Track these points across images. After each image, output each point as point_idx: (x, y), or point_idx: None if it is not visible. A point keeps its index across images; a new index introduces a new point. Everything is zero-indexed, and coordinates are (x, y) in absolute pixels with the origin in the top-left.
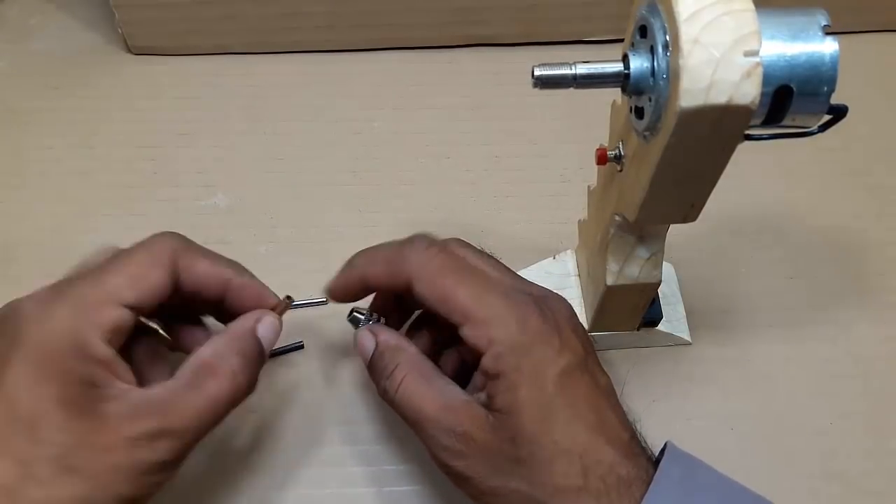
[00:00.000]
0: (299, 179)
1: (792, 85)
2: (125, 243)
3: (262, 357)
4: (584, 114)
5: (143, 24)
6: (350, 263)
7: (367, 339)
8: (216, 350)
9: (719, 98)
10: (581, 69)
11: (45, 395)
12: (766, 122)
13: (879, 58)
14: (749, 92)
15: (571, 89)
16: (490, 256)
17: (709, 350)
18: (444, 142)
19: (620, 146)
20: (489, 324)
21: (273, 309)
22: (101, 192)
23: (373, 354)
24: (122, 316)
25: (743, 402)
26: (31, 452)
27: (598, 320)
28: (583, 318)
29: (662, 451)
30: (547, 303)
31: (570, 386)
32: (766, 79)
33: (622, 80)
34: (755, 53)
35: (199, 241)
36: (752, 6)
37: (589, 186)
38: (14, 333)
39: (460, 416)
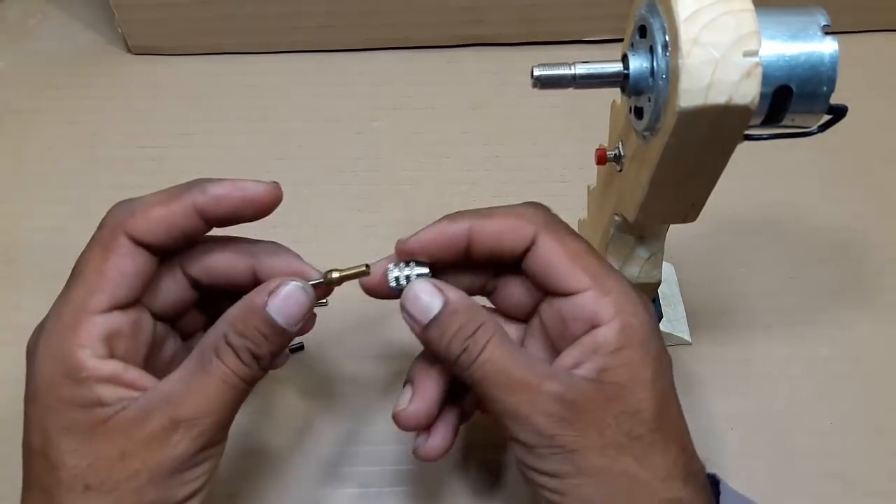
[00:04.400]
0: (299, 179)
1: (791, 85)
2: None
3: (276, 331)
4: (584, 114)
5: (143, 24)
6: (448, 219)
7: (430, 295)
8: (219, 331)
9: (719, 98)
10: (580, 69)
11: (50, 428)
12: (766, 123)
13: (879, 58)
14: (749, 92)
15: (571, 89)
16: None
17: (709, 350)
18: (444, 142)
19: (620, 146)
20: (617, 295)
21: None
22: (101, 192)
23: (440, 312)
24: (107, 322)
25: (743, 402)
26: (50, 480)
27: None
28: None
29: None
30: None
31: (674, 386)
32: (766, 79)
33: (621, 81)
34: (755, 53)
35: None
36: (751, 6)
37: (589, 186)
38: (25, 377)
39: (565, 383)
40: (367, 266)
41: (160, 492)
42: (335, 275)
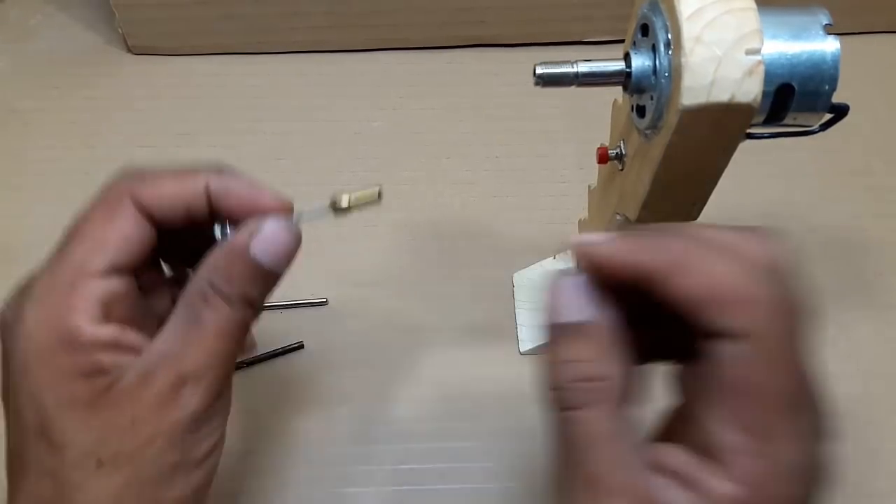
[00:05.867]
0: (299, 179)
1: (793, 83)
2: None
3: (261, 273)
4: (584, 114)
5: (143, 24)
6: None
7: (576, 301)
8: (203, 278)
9: (721, 96)
10: (583, 67)
11: (47, 404)
12: (768, 121)
13: (880, 58)
14: (751, 90)
15: (572, 89)
16: None
17: None
18: (444, 142)
19: (622, 145)
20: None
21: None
22: None
23: (564, 330)
24: (105, 286)
25: None
26: (57, 462)
27: None
28: None
29: None
30: None
31: None
32: (768, 77)
33: (624, 79)
34: (757, 52)
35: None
36: (753, 5)
37: (589, 186)
38: (4, 351)
39: (629, 497)
40: (380, 190)
41: (178, 454)
42: (345, 199)
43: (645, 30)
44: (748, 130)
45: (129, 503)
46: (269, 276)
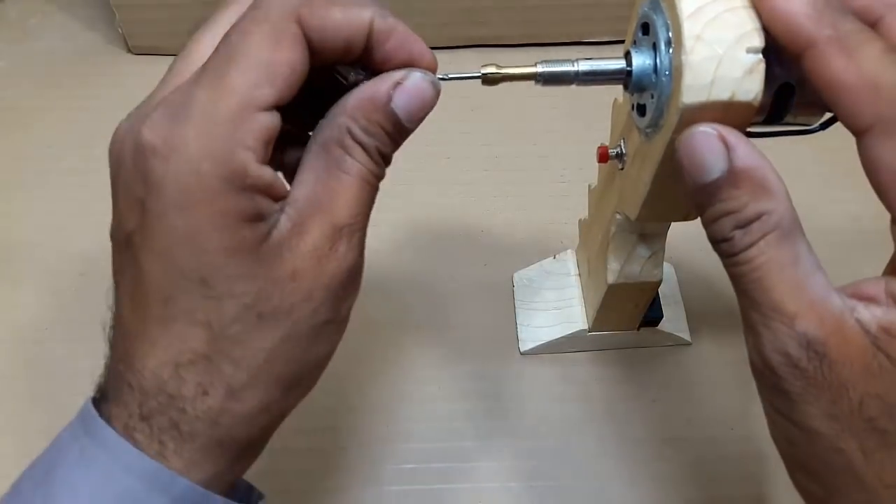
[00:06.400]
0: None
1: (793, 82)
2: None
3: (398, 129)
4: (585, 114)
5: (143, 24)
6: None
7: (714, 153)
8: (340, 124)
9: (722, 94)
10: (583, 66)
11: (210, 247)
12: (768, 120)
13: None
14: (751, 88)
15: (572, 89)
16: None
17: (709, 350)
18: (444, 142)
19: (622, 144)
20: None
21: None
22: (101, 192)
23: (717, 180)
24: (269, 122)
25: (743, 402)
26: (215, 313)
27: (599, 320)
28: (583, 318)
29: None
30: None
31: None
32: (768, 76)
33: (624, 77)
34: (757, 50)
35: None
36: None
37: (589, 186)
38: (147, 178)
39: (828, 326)
40: (539, 68)
41: (332, 311)
42: (490, 70)
43: (646, 28)
44: (748, 129)
45: (280, 359)
46: (401, 132)
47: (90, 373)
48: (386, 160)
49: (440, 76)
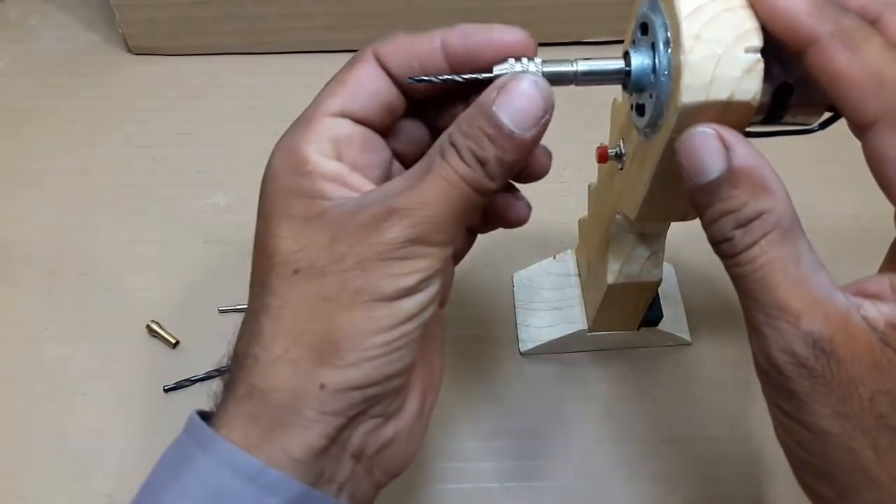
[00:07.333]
0: None
1: (792, 81)
2: (125, 244)
3: (502, 134)
4: (584, 114)
5: (143, 24)
6: None
7: (712, 153)
8: (447, 133)
9: (721, 94)
10: (582, 66)
11: (270, 214)
12: (767, 120)
13: None
14: (750, 88)
15: (571, 89)
16: None
17: (709, 350)
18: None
19: (621, 144)
20: None
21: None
22: (101, 192)
23: (716, 179)
24: (337, 125)
25: (743, 402)
26: (265, 267)
27: (599, 320)
28: (583, 318)
29: None
30: None
31: None
32: (767, 75)
33: (623, 77)
34: (756, 49)
35: (199, 240)
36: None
37: (589, 186)
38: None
39: (833, 323)
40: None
41: (365, 280)
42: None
43: (644, 28)
44: (747, 129)
45: (305, 314)
46: (510, 138)
47: (90, 373)
48: (485, 167)
49: (419, 78)
